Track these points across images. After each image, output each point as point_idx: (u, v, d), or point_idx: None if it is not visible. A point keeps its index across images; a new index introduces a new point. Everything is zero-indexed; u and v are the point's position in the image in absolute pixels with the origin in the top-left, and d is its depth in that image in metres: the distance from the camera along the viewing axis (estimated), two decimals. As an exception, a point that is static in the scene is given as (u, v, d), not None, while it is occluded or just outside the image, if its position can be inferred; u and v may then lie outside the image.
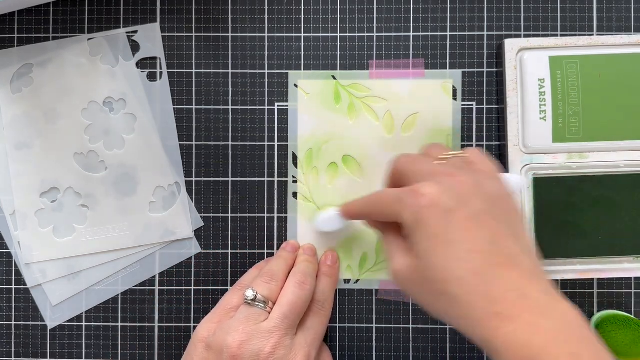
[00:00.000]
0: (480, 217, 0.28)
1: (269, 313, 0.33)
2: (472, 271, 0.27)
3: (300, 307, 0.34)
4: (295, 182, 0.39)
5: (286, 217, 0.39)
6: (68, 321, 0.39)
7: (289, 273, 0.36)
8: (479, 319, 0.27)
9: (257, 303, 0.33)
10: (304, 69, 0.39)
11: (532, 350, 0.26)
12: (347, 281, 0.39)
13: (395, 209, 0.30)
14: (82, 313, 0.39)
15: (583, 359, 0.25)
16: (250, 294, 0.33)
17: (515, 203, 0.30)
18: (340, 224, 0.37)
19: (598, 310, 0.38)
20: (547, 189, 0.37)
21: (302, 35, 0.39)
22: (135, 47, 0.39)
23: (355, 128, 0.39)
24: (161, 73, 0.39)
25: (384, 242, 0.32)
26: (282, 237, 0.39)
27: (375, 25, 0.39)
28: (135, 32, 0.39)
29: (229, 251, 0.39)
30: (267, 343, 0.32)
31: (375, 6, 0.39)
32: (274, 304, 0.34)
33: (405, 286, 0.30)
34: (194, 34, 0.39)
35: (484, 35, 0.39)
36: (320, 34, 0.39)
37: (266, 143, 0.39)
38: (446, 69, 0.39)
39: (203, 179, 0.39)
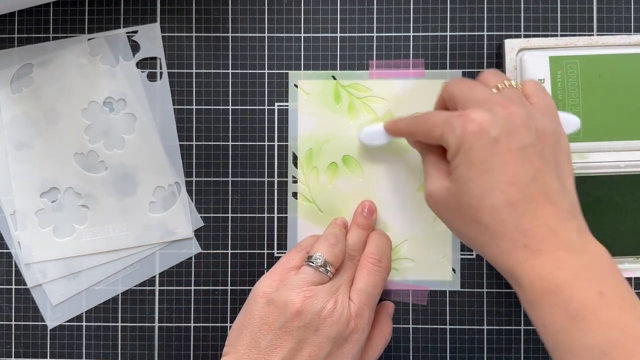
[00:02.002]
0: (526, 151, 0.28)
1: (330, 278, 0.33)
2: (507, 202, 0.27)
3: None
4: (295, 182, 0.39)
5: (286, 217, 0.39)
6: (68, 321, 0.39)
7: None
8: (506, 249, 0.27)
9: (321, 268, 0.33)
10: (304, 69, 0.39)
11: (554, 282, 0.26)
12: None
13: (441, 130, 0.29)
14: (82, 313, 0.39)
15: (606, 297, 0.25)
16: (318, 260, 0.33)
17: (565, 143, 0.30)
18: (384, 139, 0.36)
19: (598, 310, 0.38)
20: (547, 189, 0.37)
21: (302, 35, 0.39)
22: (135, 47, 0.39)
23: (355, 128, 0.39)
24: (161, 73, 0.39)
25: (423, 163, 0.33)
26: (282, 237, 0.39)
27: (375, 25, 0.39)
28: (136, 32, 0.39)
29: (229, 251, 0.39)
30: (330, 300, 0.32)
31: (375, 6, 0.39)
32: (335, 268, 0.34)
33: (437, 209, 0.31)
34: (194, 34, 0.39)
35: (484, 35, 0.39)
36: (320, 34, 0.39)
37: (266, 143, 0.39)
38: (446, 69, 0.39)
39: (203, 179, 0.39)
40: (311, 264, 0.33)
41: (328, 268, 0.33)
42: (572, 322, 0.25)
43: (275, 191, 0.39)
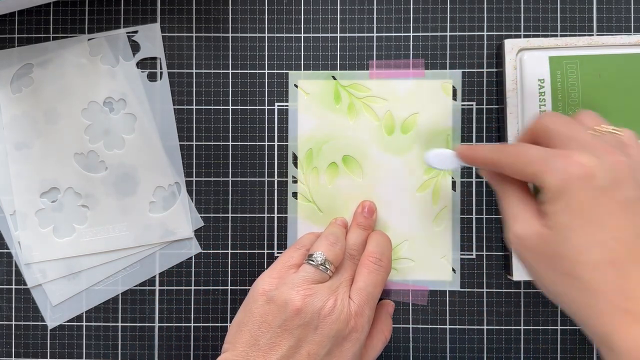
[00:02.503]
0: (631, 204, 0.26)
1: (330, 277, 0.33)
2: (611, 260, 0.25)
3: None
4: (295, 182, 0.39)
5: (286, 217, 0.39)
6: (68, 321, 0.39)
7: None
8: (604, 311, 0.25)
9: (321, 266, 0.33)
10: (304, 69, 0.39)
11: None
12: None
13: (537, 168, 0.27)
14: (82, 313, 0.39)
15: None
16: (319, 258, 0.33)
17: None
18: (453, 164, 0.34)
19: (598, 310, 0.38)
20: (547, 189, 0.37)
21: (302, 35, 0.39)
22: (135, 47, 0.39)
23: (355, 128, 0.39)
24: (161, 73, 0.39)
25: (504, 199, 0.30)
26: (282, 237, 0.39)
27: (375, 25, 0.39)
28: (136, 32, 0.39)
29: (229, 251, 0.39)
30: (330, 298, 0.32)
31: (375, 6, 0.39)
32: (335, 267, 0.34)
33: (523, 253, 0.28)
34: (194, 34, 0.39)
35: (484, 35, 0.39)
36: (320, 34, 0.39)
37: (266, 143, 0.39)
38: (446, 69, 0.39)
39: (203, 179, 0.39)
40: (311, 262, 0.33)
41: (328, 267, 0.33)
42: None
43: (275, 191, 0.39)
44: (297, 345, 0.31)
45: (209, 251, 0.39)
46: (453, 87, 0.39)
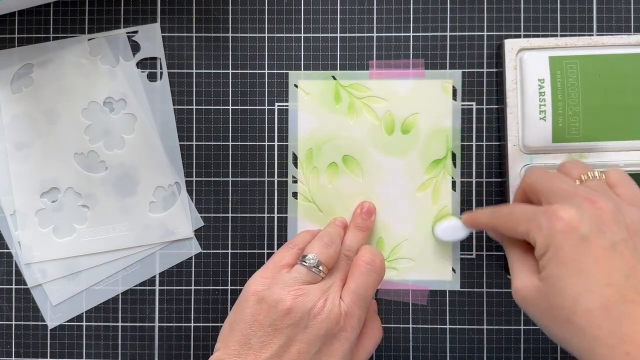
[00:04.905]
0: (617, 247, 0.27)
1: (322, 278, 0.34)
2: (603, 305, 0.26)
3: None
4: (295, 182, 0.39)
5: (286, 217, 0.39)
6: (68, 321, 0.39)
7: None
8: (604, 355, 0.26)
9: (314, 268, 0.33)
10: (304, 69, 0.39)
11: None
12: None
13: (526, 227, 0.29)
14: (82, 313, 0.39)
15: None
16: (312, 260, 0.33)
17: None
18: (463, 233, 0.36)
19: (598, 310, 0.38)
20: (547, 189, 0.37)
21: (302, 35, 0.39)
22: (135, 47, 0.39)
23: (355, 128, 0.39)
24: (161, 73, 0.39)
25: (508, 256, 0.32)
26: (282, 237, 0.39)
27: (375, 25, 0.39)
28: (136, 32, 0.39)
29: (229, 251, 0.39)
30: (320, 298, 0.32)
31: (375, 6, 0.39)
32: (328, 269, 0.34)
33: (526, 306, 0.30)
34: (194, 34, 0.39)
35: (484, 35, 0.39)
36: (320, 34, 0.39)
37: (266, 143, 0.39)
38: (446, 69, 0.39)
39: (203, 179, 0.39)
40: (304, 263, 0.33)
41: (321, 268, 0.33)
42: None
43: (275, 191, 0.39)
44: (288, 344, 0.31)
45: (209, 251, 0.39)
46: (453, 87, 0.39)
